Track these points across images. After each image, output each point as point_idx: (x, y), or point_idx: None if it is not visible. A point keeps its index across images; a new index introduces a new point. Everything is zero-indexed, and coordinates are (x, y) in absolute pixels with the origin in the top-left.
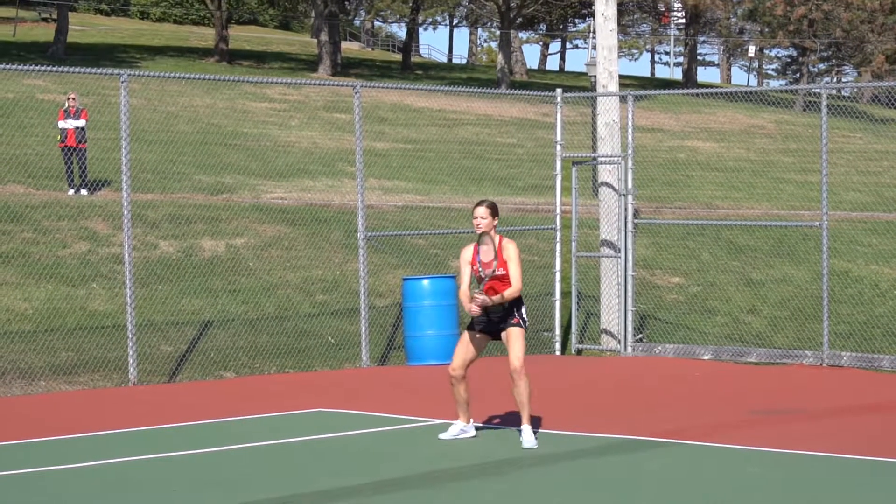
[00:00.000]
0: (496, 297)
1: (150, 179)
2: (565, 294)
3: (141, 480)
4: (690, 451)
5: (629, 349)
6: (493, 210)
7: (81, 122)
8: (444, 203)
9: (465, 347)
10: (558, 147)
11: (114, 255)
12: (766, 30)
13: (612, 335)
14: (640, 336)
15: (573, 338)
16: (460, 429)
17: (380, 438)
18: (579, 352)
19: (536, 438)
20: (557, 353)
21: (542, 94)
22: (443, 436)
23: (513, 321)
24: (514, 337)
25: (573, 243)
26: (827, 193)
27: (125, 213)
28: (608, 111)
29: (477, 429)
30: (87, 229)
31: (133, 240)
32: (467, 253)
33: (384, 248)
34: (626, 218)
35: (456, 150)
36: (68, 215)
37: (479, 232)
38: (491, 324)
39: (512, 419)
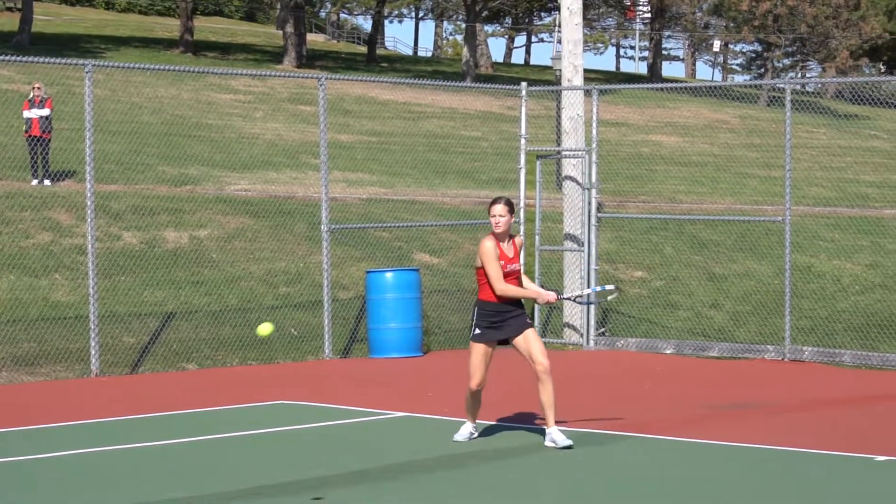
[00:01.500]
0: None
1: (114, 170)
2: None
3: (106, 471)
4: (652, 445)
5: (591, 343)
6: (511, 208)
7: (46, 112)
8: (408, 196)
9: (482, 361)
10: (523, 141)
11: (77, 245)
12: (731, 25)
13: (574, 329)
14: (603, 330)
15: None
16: (471, 430)
17: (342, 430)
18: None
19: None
20: None
21: (507, 87)
22: (458, 437)
23: (528, 321)
24: (535, 336)
25: (537, 237)
26: (790, 188)
27: (89, 203)
28: (573, 105)
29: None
30: (50, 220)
31: (96, 231)
32: (494, 248)
33: (348, 240)
34: (589, 212)
35: (420, 143)
36: (31, 206)
37: (498, 231)
38: (504, 329)
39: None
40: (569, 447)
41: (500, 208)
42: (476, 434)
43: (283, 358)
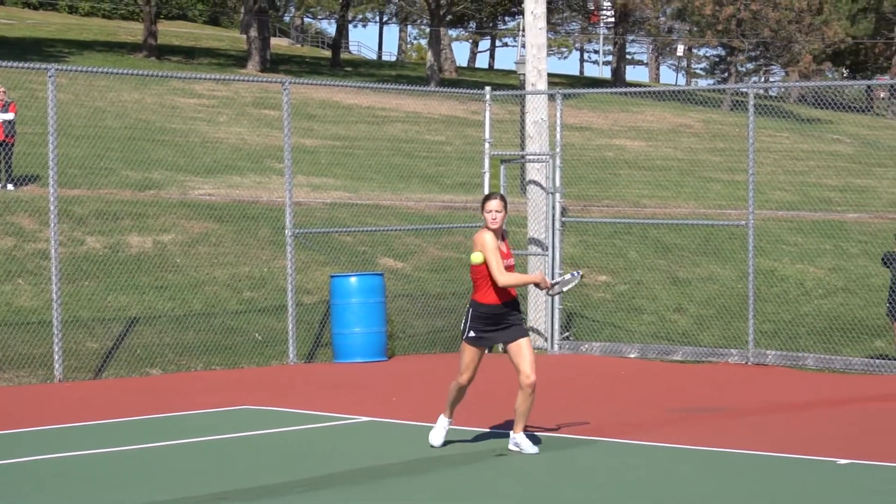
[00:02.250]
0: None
1: (77, 175)
2: None
3: (69, 477)
4: (617, 449)
5: (556, 347)
6: (505, 203)
7: (10, 116)
8: (372, 200)
9: (474, 361)
10: (487, 145)
11: (40, 250)
12: (695, 29)
13: (539, 333)
14: (567, 334)
15: None
16: (445, 424)
17: (307, 436)
18: (506, 350)
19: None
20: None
21: (472, 91)
22: (435, 441)
23: (524, 329)
24: (528, 347)
25: None
26: (753, 192)
27: (52, 208)
28: (537, 109)
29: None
30: (12, 224)
31: (59, 235)
32: (492, 240)
33: (312, 245)
34: (553, 216)
35: (385, 147)
36: None
37: (494, 227)
38: (499, 333)
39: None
40: (534, 454)
41: (496, 203)
42: (447, 427)
43: (247, 363)
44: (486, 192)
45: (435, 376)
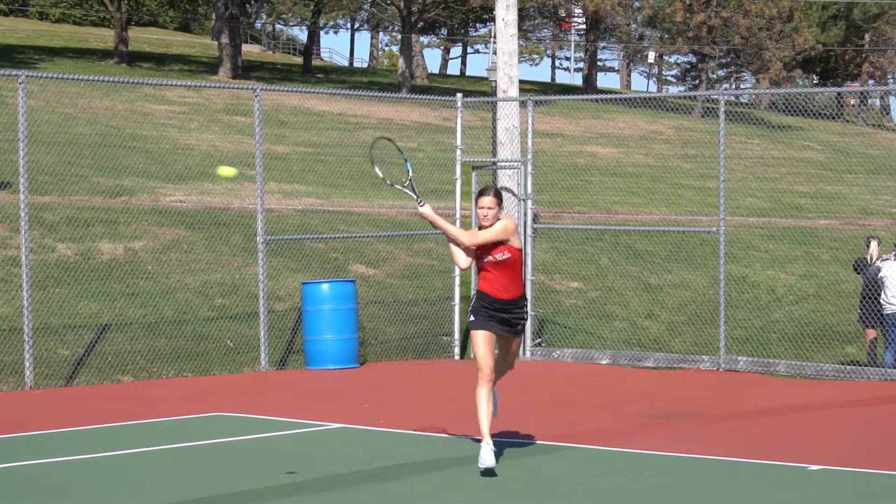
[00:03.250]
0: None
1: (48, 181)
2: (465, 298)
3: (42, 484)
4: (588, 455)
5: (528, 353)
6: (500, 199)
7: None
8: (344, 207)
9: (487, 348)
10: (458, 152)
11: (11, 257)
12: (666, 36)
13: None
14: (539, 340)
15: None
16: (491, 451)
17: (279, 442)
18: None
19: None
20: (457, 357)
21: (443, 98)
22: (486, 464)
23: (520, 331)
24: (515, 352)
25: None
26: (724, 199)
27: (22, 215)
28: (508, 116)
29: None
30: None
31: (30, 242)
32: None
33: (284, 251)
34: (525, 222)
35: (356, 153)
36: None
37: (486, 225)
38: (502, 324)
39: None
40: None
41: (487, 200)
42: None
43: (219, 370)
44: (458, 198)
45: (407, 383)
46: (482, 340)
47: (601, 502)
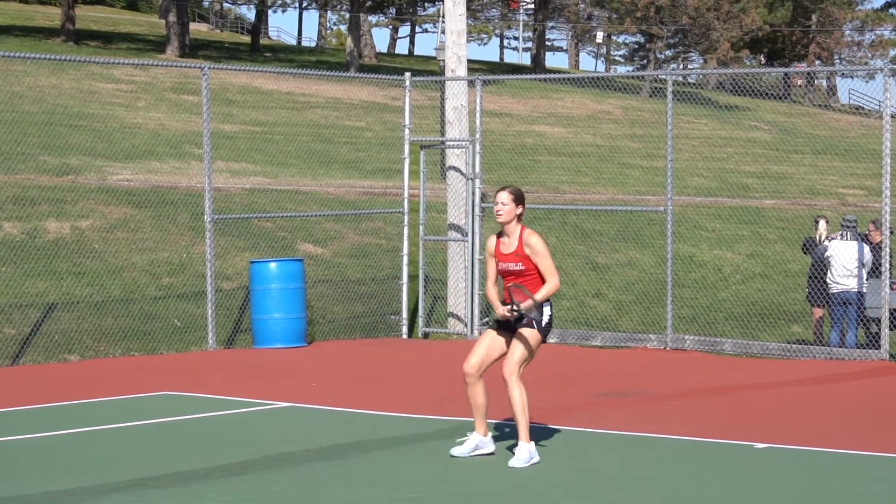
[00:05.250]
0: (533, 299)
1: None
2: (412, 277)
3: None
4: (537, 434)
5: (476, 332)
6: (518, 197)
7: None
8: (292, 186)
9: (483, 345)
10: (407, 131)
11: None
12: (614, 16)
13: (458, 319)
14: (487, 320)
15: (420, 321)
16: (476, 444)
17: (226, 421)
18: (426, 335)
19: (534, 456)
20: (404, 336)
21: (391, 77)
22: (456, 452)
23: (526, 323)
24: (520, 338)
25: (421, 227)
26: (672, 179)
27: None
28: (456, 95)
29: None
30: None
31: None
32: (490, 244)
33: (231, 230)
34: (473, 202)
35: (304, 132)
36: None
37: (499, 220)
38: (509, 326)
39: (369, 402)
40: (515, 467)
41: (502, 196)
42: (487, 450)
43: (166, 349)
44: (406, 177)
45: (354, 362)
46: (485, 335)
47: (548, 479)
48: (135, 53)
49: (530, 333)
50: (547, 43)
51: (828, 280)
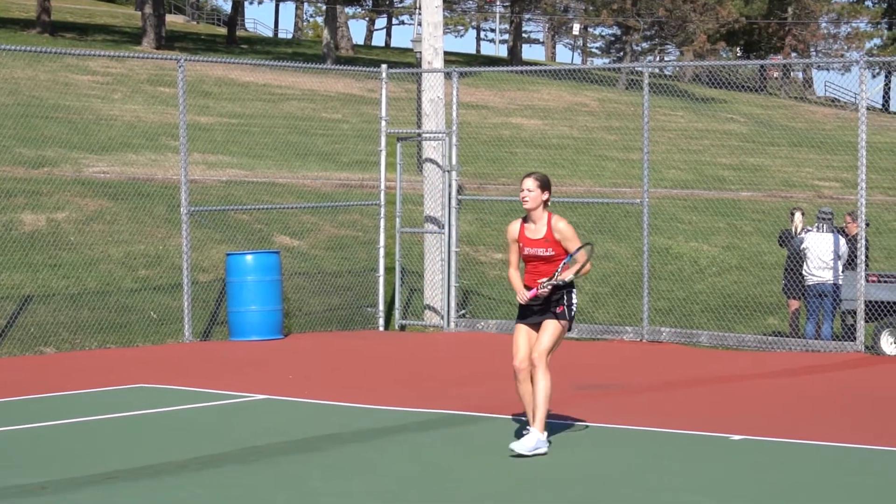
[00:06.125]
0: (567, 274)
1: None
2: (389, 270)
3: None
4: (513, 426)
5: (452, 325)
6: (544, 183)
7: None
8: (268, 178)
9: (521, 340)
10: (383, 123)
11: None
12: (591, 8)
13: (435, 311)
14: (463, 312)
15: (396, 313)
16: (537, 441)
17: (202, 414)
18: (403, 327)
19: (541, 447)
20: (381, 328)
21: (368, 69)
22: (517, 447)
23: (557, 311)
24: (545, 328)
25: (397, 219)
26: (648, 171)
27: None
28: (433, 88)
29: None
30: None
31: None
32: (513, 229)
33: (208, 223)
34: (450, 194)
35: (281, 125)
36: None
37: (525, 207)
38: (537, 314)
39: (342, 394)
40: (517, 453)
41: (528, 182)
42: (543, 449)
43: (142, 341)
44: (383, 170)
45: (331, 354)
46: (519, 329)
47: (523, 473)
48: (111, 45)
49: (554, 323)
50: (523, 35)
51: (804, 272)
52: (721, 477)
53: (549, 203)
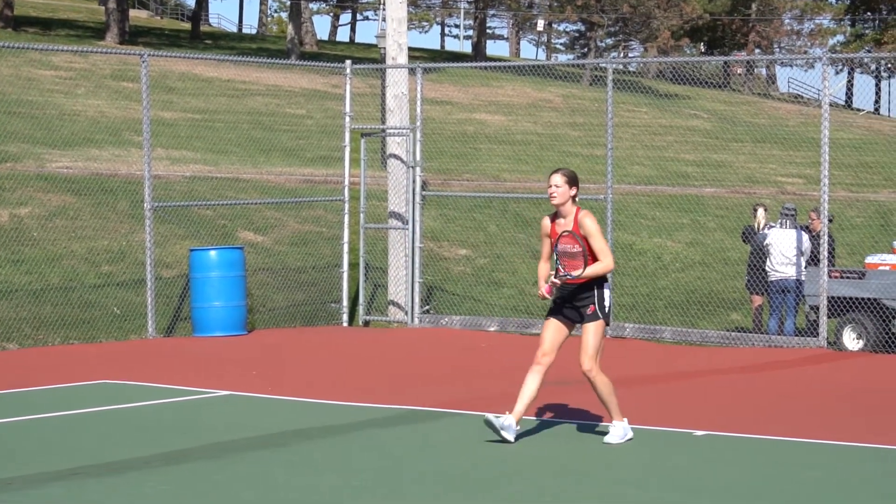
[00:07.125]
0: (576, 273)
1: None
2: (353, 265)
3: None
4: (475, 422)
5: (416, 320)
6: (571, 179)
7: None
8: (232, 174)
9: (550, 333)
10: (347, 118)
11: None
12: (555, 4)
13: (399, 306)
14: (427, 307)
15: (361, 309)
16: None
17: (166, 410)
18: (367, 323)
19: (627, 433)
20: (345, 324)
21: (332, 65)
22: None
23: (589, 312)
24: (587, 333)
25: (361, 215)
26: (612, 167)
27: None
28: (397, 83)
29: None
30: None
31: None
32: (546, 225)
33: (171, 218)
34: (414, 190)
35: (245, 120)
36: None
37: (553, 203)
38: (567, 310)
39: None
40: (610, 444)
41: (556, 178)
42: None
43: (105, 337)
44: (347, 165)
45: (295, 350)
46: (549, 323)
47: (484, 469)
48: (74, 40)
49: (594, 325)
50: (488, 31)
51: (767, 268)
52: (684, 472)
53: (577, 198)
